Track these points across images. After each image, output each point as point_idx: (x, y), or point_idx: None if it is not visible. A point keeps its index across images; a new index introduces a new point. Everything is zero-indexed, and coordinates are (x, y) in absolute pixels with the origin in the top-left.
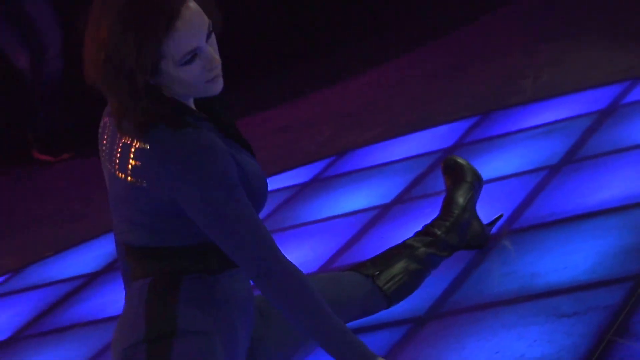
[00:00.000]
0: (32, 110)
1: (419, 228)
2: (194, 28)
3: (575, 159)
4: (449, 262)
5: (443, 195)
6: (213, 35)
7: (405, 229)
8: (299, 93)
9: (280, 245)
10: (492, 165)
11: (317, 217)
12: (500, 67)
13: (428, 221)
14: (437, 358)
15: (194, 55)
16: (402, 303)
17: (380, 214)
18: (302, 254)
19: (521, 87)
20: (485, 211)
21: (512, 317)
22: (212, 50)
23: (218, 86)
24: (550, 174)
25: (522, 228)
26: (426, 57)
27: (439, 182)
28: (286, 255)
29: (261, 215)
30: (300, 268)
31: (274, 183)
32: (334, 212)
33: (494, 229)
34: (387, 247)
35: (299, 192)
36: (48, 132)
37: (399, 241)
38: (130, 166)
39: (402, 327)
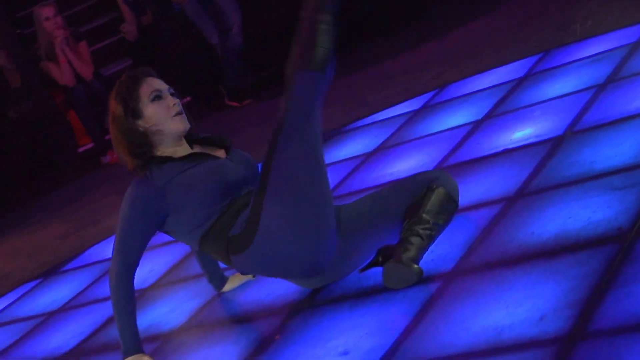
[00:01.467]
0: (222, 71)
1: (505, 135)
2: (155, 83)
3: (616, 78)
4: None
5: (521, 111)
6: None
7: (495, 137)
8: (409, 47)
9: (407, 151)
10: (554, 87)
11: (429, 132)
12: (558, 18)
13: (510, 133)
14: (520, 225)
15: (157, 96)
16: None
17: (474, 128)
18: (420, 158)
19: (573, 31)
20: (551, 123)
21: (579, 193)
22: (172, 97)
23: (183, 122)
24: (598, 90)
25: (582, 129)
26: (500, 15)
27: (517, 102)
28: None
29: (387, 134)
30: (421, 166)
31: (398, 110)
32: (440, 128)
33: None
34: (482, 151)
35: (415, 115)
36: (235, 85)
37: (491, 145)
38: None
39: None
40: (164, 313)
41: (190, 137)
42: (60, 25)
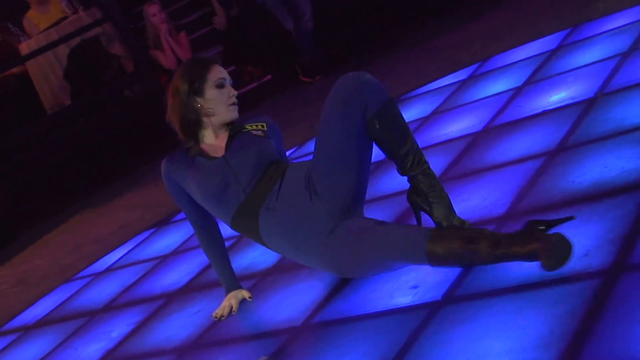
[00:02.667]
0: (297, 52)
1: (543, 99)
2: (222, 72)
3: (639, 47)
4: (567, 114)
5: (556, 78)
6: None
7: (534, 101)
8: (455, 26)
9: (458, 115)
10: (584, 57)
11: (476, 98)
12: None
13: (547, 97)
14: (562, 175)
15: (222, 83)
16: None
17: (515, 93)
18: (469, 120)
19: (597, 7)
20: (583, 87)
21: (613, 146)
22: (232, 89)
23: (235, 112)
24: (622, 58)
25: (611, 92)
26: None
27: (552, 70)
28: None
29: (440, 101)
30: (471, 127)
31: (448, 80)
32: (485, 94)
33: None
34: (524, 113)
35: (463, 84)
36: (307, 64)
37: (531, 108)
38: None
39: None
40: (256, 256)
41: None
42: (164, 20)
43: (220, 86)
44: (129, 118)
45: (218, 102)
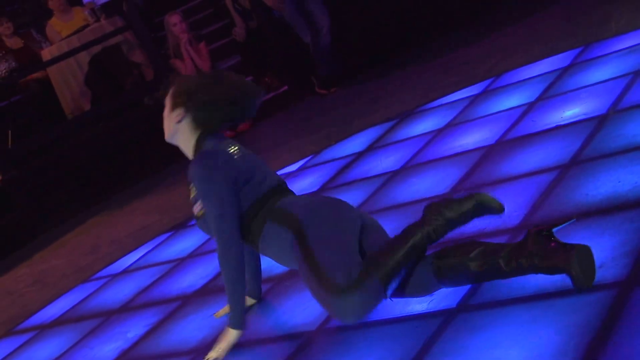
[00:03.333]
0: (313, 64)
1: (556, 114)
2: None
3: None
4: (580, 129)
5: (569, 94)
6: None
7: (547, 116)
8: (468, 42)
9: (471, 128)
10: (596, 74)
11: (489, 112)
12: (597, 16)
13: (560, 112)
14: (576, 188)
15: None
16: None
17: (528, 108)
18: (483, 133)
19: (609, 27)
20: (596, 103)
21: (625, 161)
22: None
23: None
24: (634, 76)
25: (624, 109)
26: (546, 14)
27: (564, 87)
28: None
29: (454, 114)
30: (484, 140)
31: (462, 94)
32: (499, 109)
33: None
34: (537, 127)
35: (476, 98)
36: (323, 76)
37: (544, 122)
38: None
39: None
40: (273, 260)
41: None
42: (184, 30)
43: None
44: (147, 124)
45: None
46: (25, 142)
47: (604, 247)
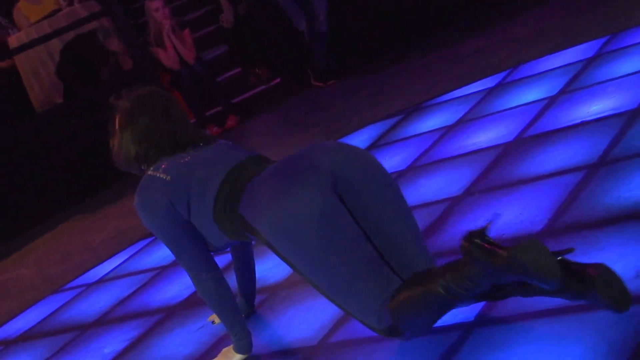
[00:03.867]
0: (309, 54)
1: (581, 109)
2: None
3: None
4: (608, 125)
5: (594, 87)
6: None
7: (571, 111)
8: (480, 30)
9: (486, 124)
10: (624, 66)
11: (506, 107)
12: (622, 5)
13: (586, 107)
14: (606, 190)
15: None
16: None
17: (550, 103)
18: (499, 130)
19: (636, 17)
20: (625, 97)
21: None
22: None
23: None
24: None
25: None
26: (567, 1)
27: (589, 79)
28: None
29: (466, 109)
30: (501, 137)
31: (474, 88)
32: (517, 103)
33: None
34: (560, 123)
35: (491, 92)
36: (320, 67)
37: (568, 118)
38: None
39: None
40: (268, 268)
41: None
42: (167, 16)
43: None
44: None
45: None
46: None
47: None
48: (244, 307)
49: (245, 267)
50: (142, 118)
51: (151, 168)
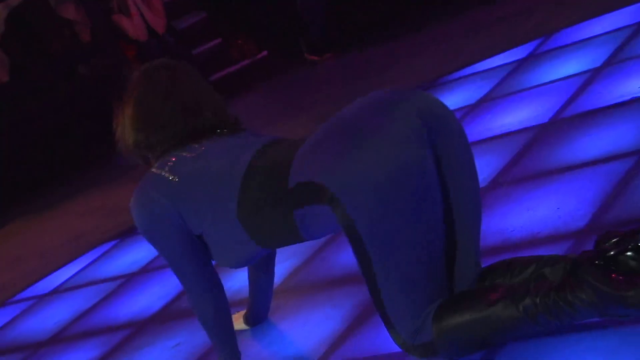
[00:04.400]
0: (303, 27)
1: (632, 83)
2: None
3: None
4: None
5: None
6: None
7: (620, 85)
8: None
9: (516, 103)
10: None
11: (539, 82)
12: None
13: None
14: None
15: None
16: None
17: (592, 76)
18: (532, 109)
19: None
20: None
21: None
22: None
23: None
24: None
25: None
26: None
27: (639, 49)
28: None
29: (491, 85)
30: (534, 117)
31: (500, 60)
32: (552, 78)
33: None
34: (606, 100)
35: (520, 65)
36: (314, 38)
37: (616, 94)
38: None
39: None
40: None
41: None
42: None
43: None
44: (83, 100)
45: None
46: None
47: None
48: (252, 322)
49: (266, 278)
50: (142, 97)
51: (156, 164)
